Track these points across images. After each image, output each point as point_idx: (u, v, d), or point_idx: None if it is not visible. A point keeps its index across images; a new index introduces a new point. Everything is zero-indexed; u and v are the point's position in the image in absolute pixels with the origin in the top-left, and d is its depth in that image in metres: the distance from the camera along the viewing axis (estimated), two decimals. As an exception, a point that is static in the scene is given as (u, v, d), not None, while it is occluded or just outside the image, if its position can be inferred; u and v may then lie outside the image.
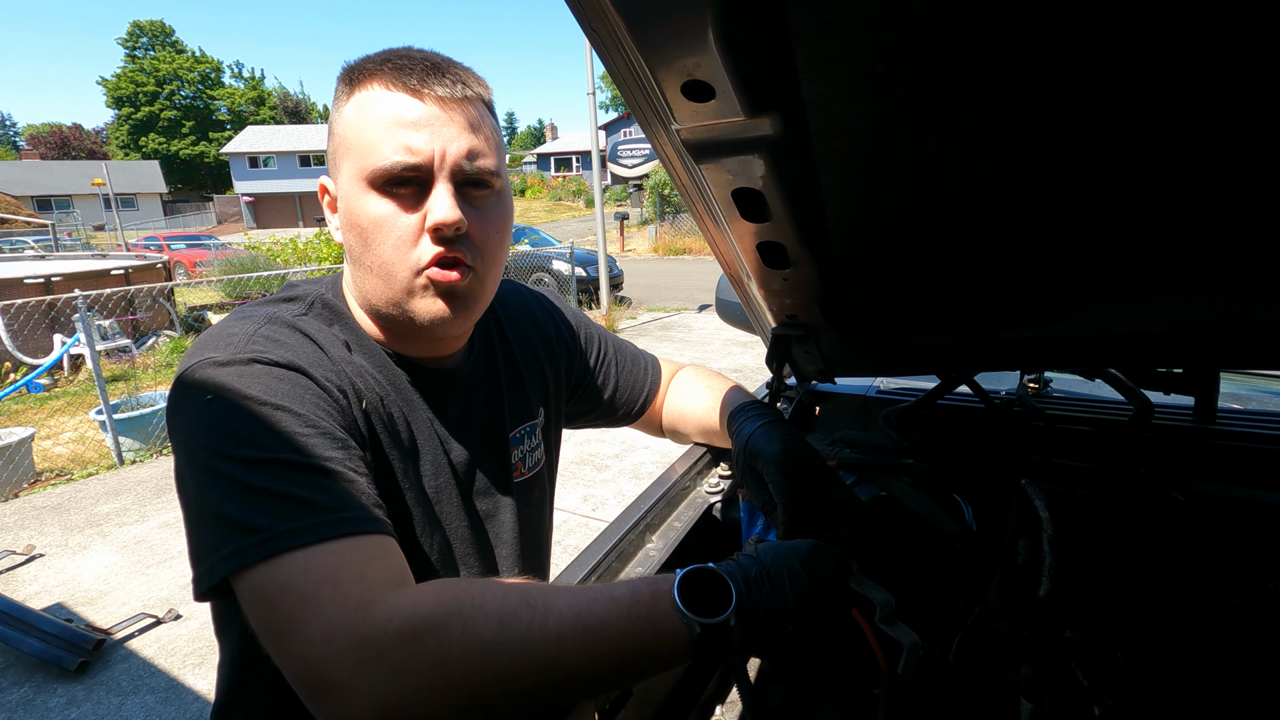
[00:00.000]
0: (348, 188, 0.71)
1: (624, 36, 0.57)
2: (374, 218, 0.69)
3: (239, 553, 0.55)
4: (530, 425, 0.93)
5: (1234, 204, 0.64)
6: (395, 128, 0.67)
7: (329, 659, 0.51)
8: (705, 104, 0.62)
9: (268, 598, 0.54)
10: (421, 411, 0.79)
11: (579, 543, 3.67)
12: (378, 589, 0.55)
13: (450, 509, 0.80)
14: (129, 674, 2.81)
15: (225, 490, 0.58)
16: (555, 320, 1.03)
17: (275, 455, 0.59)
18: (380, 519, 0.61)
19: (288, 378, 0.64)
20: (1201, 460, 1.00)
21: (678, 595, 0.57)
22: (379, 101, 0.68)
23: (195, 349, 0.66)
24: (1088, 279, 0.81)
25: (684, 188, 0.80)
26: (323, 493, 0.58)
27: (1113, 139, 0.59)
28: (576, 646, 0.54)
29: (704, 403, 1.07)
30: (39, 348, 7.16)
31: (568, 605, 0.56)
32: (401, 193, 0.69)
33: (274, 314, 0.72)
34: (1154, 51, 0.49)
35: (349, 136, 0.70)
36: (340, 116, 0.71)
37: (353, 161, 0.69)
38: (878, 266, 0.87)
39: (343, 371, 0.71)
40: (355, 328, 0.77)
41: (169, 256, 13.40)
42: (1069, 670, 0.78)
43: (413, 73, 0.68)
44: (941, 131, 0.62)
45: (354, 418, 0.69)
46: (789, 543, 0.66)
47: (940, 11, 0.49)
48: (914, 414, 1.11)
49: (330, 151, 0.74)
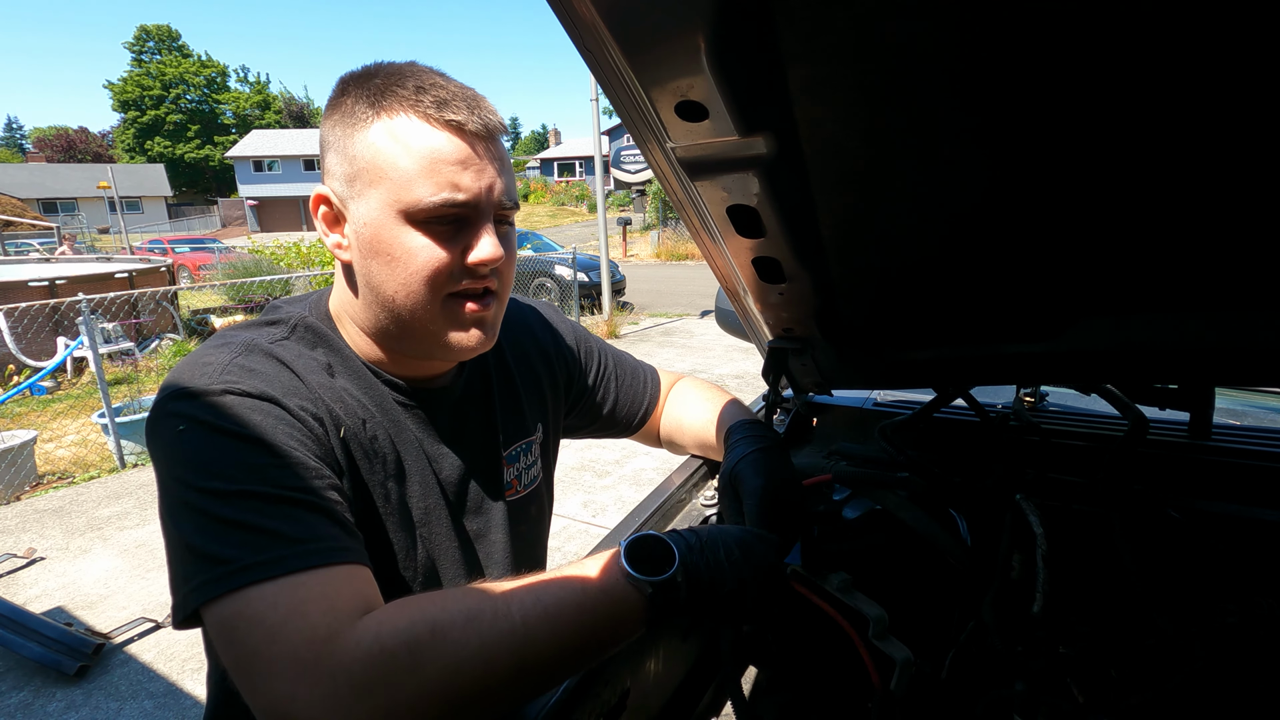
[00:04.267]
0: (377, 216, 0.69)
1: (618, 58, 0.57)
2: (409, 249, 0.69)
3: (207, 584, 0.55)
4: (526, 442, 0.93)
5: (1226, 221, 0.64)
6: (441, 165, 0.67)
7: (299, 699, 0.50)
8: (699, 124, 0.63)
9: (235, 631, 0.54)
10: (409, 432, 0.79)
11: (579, 549, 3.67)
12: (345, 619, 0.54)
13: (439, 529, 0.80)
14: (128, 679, 2.81)
15: (196, 522, 0.58)
16: (554, 334, 1.03)
17: (245, 487, 0.59)
18: (352, 548, 0.61)
19: (260, 408, 0.64)
20: (1196, 476, 1.00)
21: (626, 561, 0.62)
22: (418, 135, 0.67)
23: (171, 379, 0.66)
24: (1080, 295, 0.81)
25: (680, 203, 0.81)
26: (292, 524, 0.58)
27: (1103, 159, 0.59)
28: (543, 629, 0.57)
29: (701, 416, 1.07)
30: (42, 350, 7.18)
31: (527, 593, 0.59)
32: (440, 229, 0.69)
33: (252, 340, 0.71)
34: (1141, 74, 0.49)
35: (380, 164, 0.68)
36: (364, 139, 0.69)
37: (386, 192, 0.68)
38: (873, 281, 0.87)
39: (320, 398, 0.70)
40: (341, 348, 0.77)
41: (173, 260, 13.45)
42: (1063, 686, 0.78)
43: (451, 107, 0.68)
44: (934, 151, 0.62)
45: (330, 446, 0.69)
46: (721, 525, 0.71)
47: (932, 36, 0.50)
48: (910, 427, 1.12)
49: (346, 172, 0.71)
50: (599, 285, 10.73)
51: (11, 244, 22.38)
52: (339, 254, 0.74)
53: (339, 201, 0.72)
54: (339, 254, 0.74)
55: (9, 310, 6.44)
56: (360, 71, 0.72)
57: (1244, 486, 0.96)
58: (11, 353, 6.84)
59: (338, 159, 0.71)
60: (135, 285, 8.77)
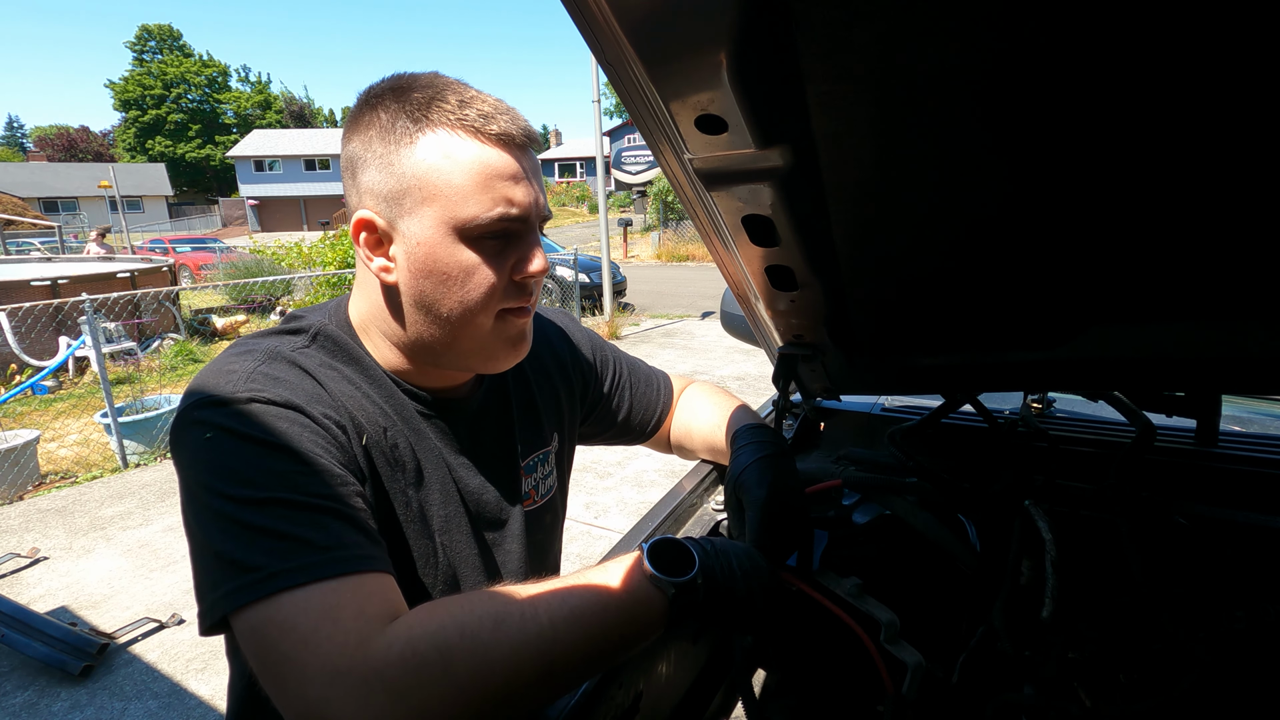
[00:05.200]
0: (430, 234, 0.69)
1: (639, 71, 0.58)
2: (465, 267, 0.70)
3: (237, 591, 0.56)
4: (544, 452, 0.94)
5: (1235, 231, 0.65)
6: (495, 180, 0.68)
7: (333, 701, 0.51)
8: (718, 136, 0.64)
9: (265, 637, 0.54)
10: (430, 441, 0.79)
11: (581, 550, 3.68)
12: (376, 625, 0.55)
13: (460, 537, 0.81)
14: (132, 679, 2.81)
15: (223, 529, 0.58)
16: (570, 343, 1.04)
17: (272, 494, 0.59)
18: (378, 556, 0.62)
19: (285, 416, 0.64)
20: (1203, 483, 1.01)
21: (649, 563, 0.64)
22: (467, 150, 0.68)
23: (196, 386, 0.67)
24: (1090, 304, 0.82)
25: (694, 212, 0.82)
26: (320, 531, 0.59)
27: (1114, 169, 0.60)
28: (569, 630, 0.58)
29: (710, 421, 1.08)
30: (45, 350, 7.18)
31: (553, 595, 0.60)
32: (490, 244, 0.71)
33: (274, 348, 0.71)
34: (1151, 90, 0.50)
35: (433, 180, 0.67)
36: (411, 155, 0.68)
37: (440, 209, 0.68)
38: (884, 290, 0.88)
39: (343, 407, 0.71)
40: (362, 358, 0.77)
41: (174, 259, 13.45)
42: (1072, 691, 0.79)
43: (496, 121, 0.69)
44: (949, 164, 0.63)
45: (354, 454, 0.69)
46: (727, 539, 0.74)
47: (950, 53, 0.50)
48: (918, 433, 1.12)
49: (392, 189, 0.69)
50: (600, 286, 10.74)
51: (12, 243, 22.38)
52: (384, 277, 0.72)
53: (385, 223, 0.70)
54: (384, 277, 0.72)
55: (12, 310, 6.44)
56: (389, 85, 0.71)
57: (1250, 493, 0.97)
58: (14, 352, 6.84)
59: (380, 176, 0.69)
60: (137, 285, 8.77)
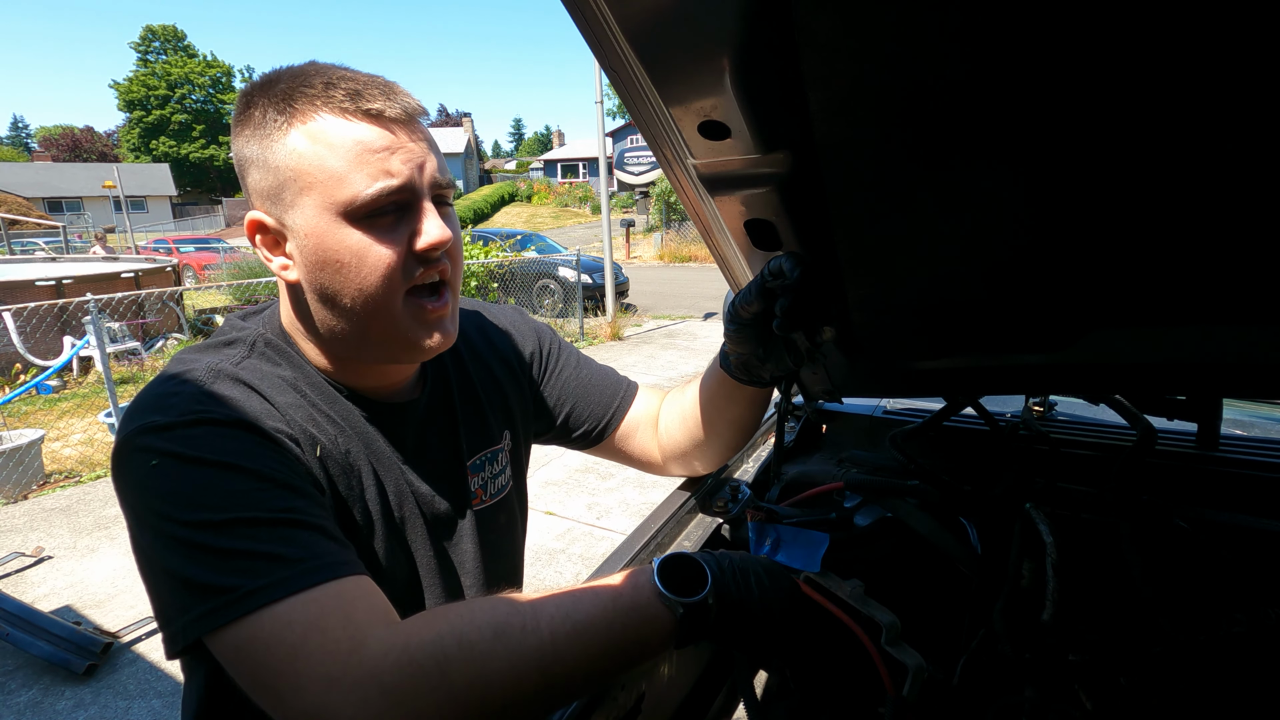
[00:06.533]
0: (315, 223, 0.67)
1: (643, 78, 0.59)
2: (356, 250, 0.67)
3: (211, 613, 0.55)
4: (492, 451, 0.92)
5: (1239, 236, 0.65)
6: (367, 155, 0.65)
7: (331, 705, 0.51)
8: (721, 142, 0.64)
9: (253, 655, 0.54)
10: (379, 444, 0.78)
11: (583, 551, 3.68)
12: (366, 629, 0.55)
13: (416, 538, 0.80)
14: (136, 678, 2.82)
15: (186, 555, 0.57)
16: (515, 338, 1.01)
17: (232, 515, 0.58)
18: (351, 560, 0.61)
19: (236, 435, 0.63)
20: (1204, 487, 1.01)
21: (658, 581, 0.61)
22: (337, 130, 0.65)
23: (135, 412, 0.64)
24: (1091, 308, 0.82)
25: (697, 215, 0.82)
26: (288, 545, 0.58)
27: (1117, 175, 0.60)
28: (570, 644, 0.57)
29: (692, 386, 1.02)
30: (49, 350, 7.21)
31: (555, 607, 0.59)
32: (381, 222, 0.68)
33: (215, 365, 0.69)
34: (1154, 95, 0.51)
35: (307, 169, 0.66)
36: (282, 148, 0.66)
37: (320, 195, 0.66)
38: (886, 293, 0.89)
39: (292, 419, 0.69)
40: (302, 365, 0.75)
41: (178, 259, 13.49)
42: (1072, 693, 0.79)
43: (365, 97, 0.66)
44: (951, 169, 0.64)
45: (308, 464, 0.68)
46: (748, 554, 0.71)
47: (952, 59, 0.51)
48: (920, 435, 1.13)
49: (271, 185, 0.68)
50: (603, 287, 10.75)
51: (17, 243, 22.46)
52: (284, 275, 0.72)
53: (275, 221, 0.70)
54: (284, 275, 0.72)
55: (16, 310, 6.46)
56: (261, 81, 0.70)
57: (1251, 497, 0.97)
58: (19, 352, 6.87)
59: (261, 174, 0.68)
60: (141, 285, 8.80)
